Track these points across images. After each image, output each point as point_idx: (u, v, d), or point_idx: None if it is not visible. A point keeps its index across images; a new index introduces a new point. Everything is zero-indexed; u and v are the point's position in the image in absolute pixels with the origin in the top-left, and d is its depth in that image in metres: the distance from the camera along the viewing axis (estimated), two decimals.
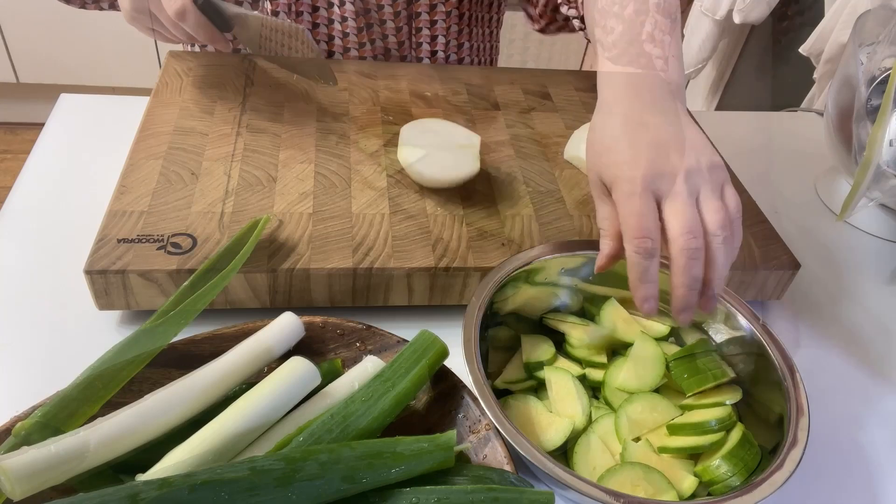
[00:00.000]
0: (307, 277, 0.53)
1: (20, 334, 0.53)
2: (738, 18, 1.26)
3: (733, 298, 0.51)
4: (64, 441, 0.36)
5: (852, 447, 0.54)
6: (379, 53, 0.84)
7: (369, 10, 0.80)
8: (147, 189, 0.58)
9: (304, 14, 0.79)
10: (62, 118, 0.75)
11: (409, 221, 0.59)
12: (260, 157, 0.64)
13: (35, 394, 0.42)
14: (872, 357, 0.62)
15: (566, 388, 0.49)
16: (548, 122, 0.75)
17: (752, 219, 0.65)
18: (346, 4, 0.78)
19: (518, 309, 0.54)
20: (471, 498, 0.37)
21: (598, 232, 0.49)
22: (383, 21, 0.81)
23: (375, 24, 0.81)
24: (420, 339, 0.45)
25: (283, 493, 0.35)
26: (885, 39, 0.71)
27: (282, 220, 0.57)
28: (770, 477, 0.41)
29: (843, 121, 0.72)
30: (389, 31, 0.82)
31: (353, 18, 0.79)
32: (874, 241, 0.75)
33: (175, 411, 0.40)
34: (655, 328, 0.54)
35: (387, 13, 0.80)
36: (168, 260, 0.52)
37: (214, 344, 0.46)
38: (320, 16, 0.79)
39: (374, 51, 0.84)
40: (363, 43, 0.82)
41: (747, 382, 0.50)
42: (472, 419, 0.44)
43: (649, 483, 0.44)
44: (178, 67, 0.75)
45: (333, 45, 0.82)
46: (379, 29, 0.82)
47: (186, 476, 0.34)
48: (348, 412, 0.40)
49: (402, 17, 0.81)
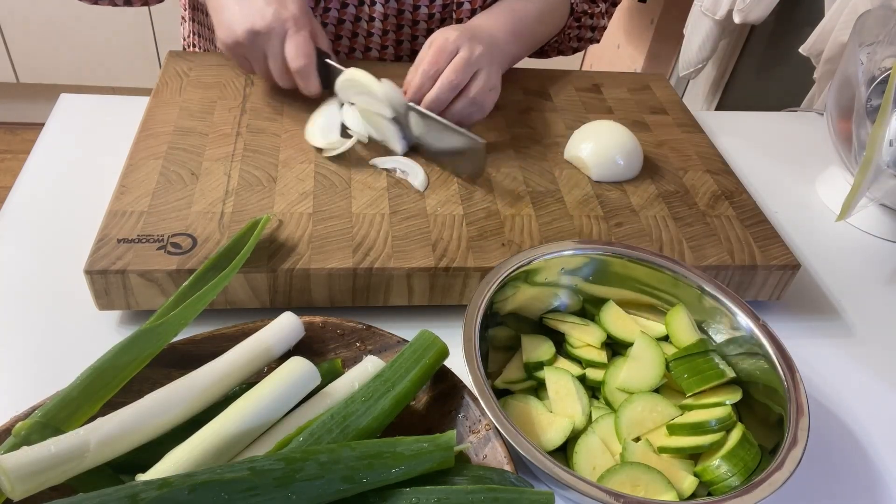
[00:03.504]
0: (307, 277, 0.53)
1: (20, 334, 0.53)
2: (738, 18, 1.26)
3: (733, 298, 0.51)
4: (64, 441, 0.36)
5: (852, 447, 0.54)
6: (405, 54, 0.84)
7: (403, 11, 0.80)
8: (147, 189, 0.58)
9: (332, 11, 0.79)
10: (62, 118, 0.75)
11: (409, 221, 0.59)
12: (260, 157, 0.64)
13: (35, 394, 0.42)
14: (872, 357, 0.62)
15: (566, 388, 0.49)
16: (548, 122, 0.75)
17: (752, 219, 0.65)
18: (377, 5, 0.78)
19: (518, 309, 0.54)
20: (471, 498, 0.37)
21: (598, 232, 0.49)
22: (416, 22, 0.81)
23: (407, 25, 0.81)
24: (420, 339, 0.45)
25: (283, 493, 0.35)
26: (885, 39, 0.71)
27: (282, 220, 0.57)
28: (770, 477, 0.41)
29: (843, 121, 0.72)
30: (421, 32, 0.82)
31: (381, 20, 0.79)
32: (874, 241, 0.75)
33: (175, 411, 0.40)
34: (655, 328, 0.54)
35: (421, 15, 0.81)
36: (168, 260, 0.52)
37: (214, 344, 0.46)
38: (348, 13, 0.78)
39: (398, 51, 0.84)
40: (385, 45, 0.82)
41: (747, 382, 0.50)
42: (472, 419, 0.44)
43: (649, 483, 0.44)
44: (178, 67, 0.75)
45: (356, 43, 0.82)
46: (410, 30, 0.82)
47: (186, 476, 0.34)
48: (348, 412, 0.40)
49: (435, 19, 0.81)
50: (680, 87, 1.69)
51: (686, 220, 0.64)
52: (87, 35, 1.99)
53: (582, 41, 0.91)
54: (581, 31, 0.89)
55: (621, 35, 2.02)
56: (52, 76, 2.07)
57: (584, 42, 0.91)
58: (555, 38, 0.88)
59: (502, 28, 0.74)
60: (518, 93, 0.80)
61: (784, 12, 1.33)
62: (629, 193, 0.66)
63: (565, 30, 0.87)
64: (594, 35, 0.90)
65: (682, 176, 0.70)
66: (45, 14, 1.92)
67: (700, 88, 1.63)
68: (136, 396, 0.40)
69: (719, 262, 0.59)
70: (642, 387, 0.49)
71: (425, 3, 0.79)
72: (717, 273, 0.60)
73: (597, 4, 0.87)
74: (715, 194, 0.68)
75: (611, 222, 0.62)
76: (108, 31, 1.99)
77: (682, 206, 0.66)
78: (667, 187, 0.68)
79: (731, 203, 0.67)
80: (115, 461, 0.38)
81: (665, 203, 0.65)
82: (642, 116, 0.79)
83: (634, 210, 0.64)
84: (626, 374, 0.49)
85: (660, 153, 0.73)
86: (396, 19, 0.80)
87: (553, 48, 0.91)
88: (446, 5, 0.80)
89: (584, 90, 0.82)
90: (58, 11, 1.92)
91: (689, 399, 0.49)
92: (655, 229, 0.62)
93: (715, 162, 0.73)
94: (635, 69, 1.92)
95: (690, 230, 0.63)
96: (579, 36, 0.90)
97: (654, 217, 0.64)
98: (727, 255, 0.60)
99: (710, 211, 0.65)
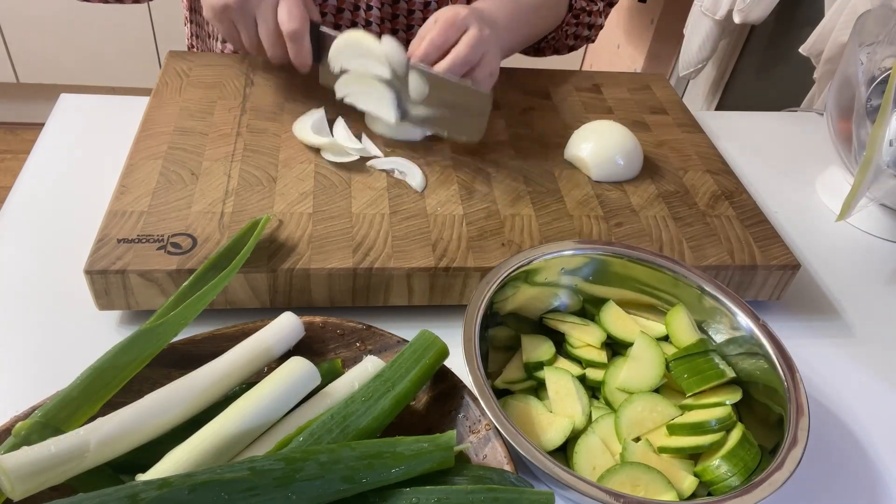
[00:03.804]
0: (307, 277, 0.53)
1: (20, 334, 0.53)
2: (738, 18, 1.26)
3: (733, 298, 0.51)
4: (64, 441, 0.36)
5: (852, 447, 0.54)
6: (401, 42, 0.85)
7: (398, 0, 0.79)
8: (147, 189, 0.58)
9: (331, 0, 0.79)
10: (62, 118, 0.75)
11: (409, 221, 0.59)
12: (260, 157, 0.64)
13: (35, 394, 0.42)
14: (872, 357, 0.62)
15: (566, 388, 0.49)
16: (548, 122, 0.75)
17: (752, 219, 0.65)
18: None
19: (518, 309, 0.54)
20: (471, 498, 0.37)
21: (598, 232, 0.49)
22: (412, 11, 0.81)
23: (402, 14, 0.81)
24: (420, 339, 0.45)
25: (283, 493, 0.35)
26: (885, 39, 0.71)
27: (282, 220, 0.57)
28: (770, 477, 0.41)
29: (843, 121, 0.72)
30: (416, 21, 0.82)
31: (379, 8, 0.79)
32: (874, 241, 0.75)
33: (175, 411, 0.40)
34: (655, 328, 0.54)
35: (417, 3, 0.80)
36: (168, 260, 0.52)
37: (214, 344, 0.46)
38: (347, 1, 0.78)
39: None
40: (382, 34, 0.82)
41: (747, 382, 0.50)
42: (472, 419, 0.44)
43: (649, 483, 0.44)
44: (178, 67, 0.75)
45: None
46: (405, 19, 0.81)
47: (186, 476, 0.34)
48: (348, 412, 0.40)
49: (431, 8, 0.80)
50: (680, 87, 1.69)
51: (686, 220, 0.64)
52: (87, 35, 1.99)
53: (578, 39, 0.91)
54: (578, 28, 0.89)
55: (621, 35, 2.02)
56: (52, 76, 2.07)
57: (580, 40, 0.91)
58: (552, 34, 0.88)
59: (503, 15, 0.74)
60: (518, 93, 0.80)
61: (784, 12, 1.33)
62: (629, 193, 0.66)
63: (563, 26, 0.87)
64: (591, 34, 0.91)
65: (682, 176, 0.70)
66: (45, 14, 1.92)
67: (700, 88, 1.63)
68: (136, 396, 0.40)
69: (719, 262, 0.59)
70: (642, 387, 0.49)
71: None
72: (717, 273, 0.60)
73: (595, 2, 0.87)
74: (715, 194, 0.68)
75: (611, 222, 0.62)
76: (108, 31, 1.99)
77: (682, 206, 0.66)
78: (667, 187, 0.68)
79: (731, 203, 0.67)
80: (115, 461, 0.38)
81: (665, 203, 0.66)
82: (642, 116, 0.79)
83: (634, 210, 0.64)
84: (626, 374, 0.49)
85: (660, 153, 0.73)
86: (392, 8, 0.80)
87: (549, 46, 0.91)
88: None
89: (584, 90, 0.82)
90: (58, 11, 1.92)
91: (689, 399, 0.49)
92: (655, 229, 0.62)
93: (715, 162, 0.73)
94: (635, 69, 1.92)
95: (690, 230, 0.63)
96: (576, 34, 0.90)
97: (654, 217, 0.64)
98: (727, 255, 0.60)
99: (710, 211, 0.65)
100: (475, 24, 0.65)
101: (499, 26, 0.71)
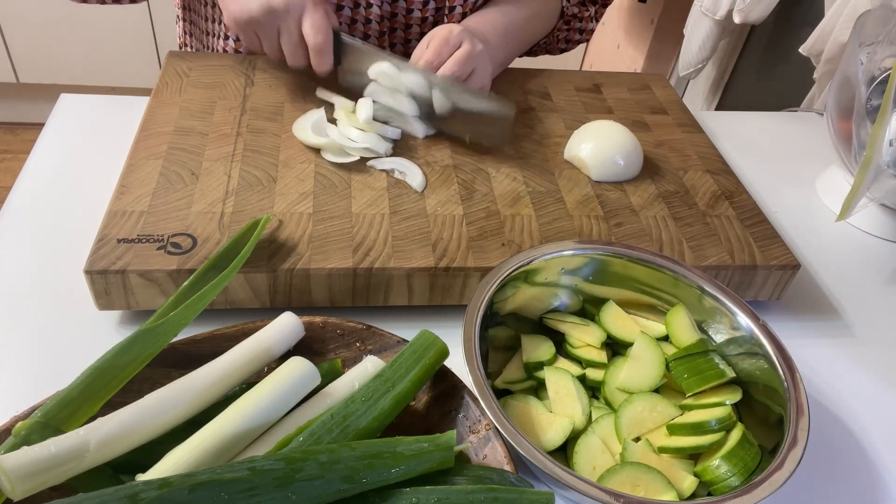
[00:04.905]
0: (307, 277, 0.53)
1: (20, 334, 0.53)
2: (738, 18, 1.26)
3: (733, 298, 0.51)
4: (64, 441, 0.36)
5: (852, 447, 0.54)
6: None
7: (396, 14, 0.80)
8: (147, 189, 0.58)
9: None
10: (62, 118, 0.75)
11: (409, 221, 0.59)
12: (260, 157, 0.64)
13: (35, 394, 0.42)
14: (872, 357, 0.62)
15: (566, 388, 0.49)
16: (548, 122, 0.75)
17: (752, 219, 0.65)
18: (373, 7, 0.78)
19: (518, 309, 0.54)
20: (471, 498, 0.37)
21: (598, 232, 0.49)
22: (409, 26, 0.82)
23: (400, 28, 0.82)
24: (420, 339, 0.45)
25: (283, 493, 0.35)
26: (885, 39, 0.71)
27: (282, 220, 0.57)
28: (770, 477, 0.41)
29: (843, 121, 0.72)
30: (414, 35, 0.83)
31: (378, 21, 0.80)
32: (874, 241, 0.75)
33: (175, 411, 0.40)
34: (655, 328, 0.54)
35: (414, 18, 0.81)
36: (168, 260, 0.52)
37: (214, 344, 0.46)
38: (344, 15, 0.79)
39: None
40: (382, 47, 0.83)
41: (747, 382, 0.50)
42: (472, 419, 0.44)
43: (649, 483, 0.44)
44: (178, 67, 0.75)
45: None
46: (403, 33, 0.82)
47: (186, 476, 0.34)
48: (348, 412, 0.40)
49: (428, 23, 0.82)
50: (680, 87, 1.69)
51: (686, 220, 0.64)
52: (87, 35, 1.99)
53: (570, 42, 0.93)
54: (570, 33, 0.91)
55: (621, 35, 2.02)
56: (52, 76, 2.07)
57: (571, 43, 0.94)
58: (544, 39, 0.89)
59: (494, 32, 0.77)
60: (518, 93, 0.80)
61: (784, 12, 1.33)
62: (629, 193, 0.66)
63: (554, 31, 0.89)
64: (582, 37, 0.93)
65: (682, 176, 0.70)
66: (45, 14, 1.92)
67: (700, 88, 1.63)
68: (136, 396, 0.40)
69: (719, 262, 0.59)
70: (642, 387, 0.49)
71: (418, 6, 0.79)
72: (717, 273, 0.60)
73: (587, 8, 0.89)
74: (715, 194, 0.68)
75: (611, 222, 0.62)
76: (108, 31, 1.99)
77: (682, 206, 0.66)
78: (667, 187, 0.68)
79: (731, 203, 0.67)
80: (115, 461, 0.38)
81: (665, 203, 0.66)
82: (642, 116, 0.79)
83: (634, 210, 0.64)
84: (626, 374, 0.49)
85: (660, 153, 0.73)
86: (390, 22, 0.81)
87: (541, 48, 0.93)
88: (439, 9, 0.80)
89: (584, 90, 0.82)
90: (58, 11, 1.92)
91: (689, 399, 0.49)
92: (655, 229, 0.62)
93: (715, 162, 0.73)
94: (635, 69, 1.92)
95: (690, 230, 0.63)
96: (567, 38, 0.92)
97: (654, 217, 0.64)
98: (727, 255, 0.60)
99: (710, 211, 0.65)
100: (467, 39, 0.69)
101: (490, 43, 0.75)
